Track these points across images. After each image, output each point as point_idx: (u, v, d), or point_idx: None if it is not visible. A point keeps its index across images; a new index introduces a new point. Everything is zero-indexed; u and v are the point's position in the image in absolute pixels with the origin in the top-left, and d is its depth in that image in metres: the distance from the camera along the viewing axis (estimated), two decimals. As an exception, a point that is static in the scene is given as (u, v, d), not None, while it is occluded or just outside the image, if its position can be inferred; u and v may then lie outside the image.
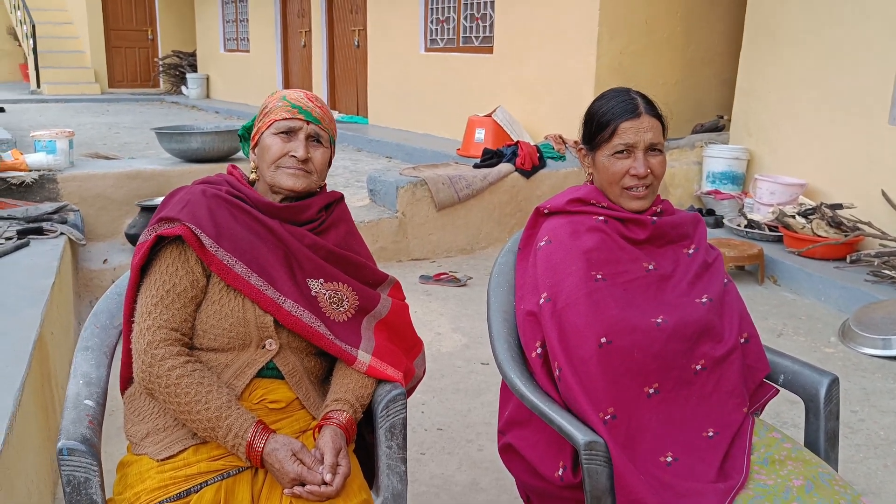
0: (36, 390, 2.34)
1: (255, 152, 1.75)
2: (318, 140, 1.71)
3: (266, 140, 1.70)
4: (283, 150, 1.68)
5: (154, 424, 1.59)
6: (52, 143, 4.35)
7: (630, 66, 6.00)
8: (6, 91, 14.59)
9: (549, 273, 1.66)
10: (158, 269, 1.61)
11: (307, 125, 1.69)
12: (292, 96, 1.71)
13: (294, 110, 1.68)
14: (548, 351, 1.62)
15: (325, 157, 1.73)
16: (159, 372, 1.51)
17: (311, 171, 1.70)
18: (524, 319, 1.70)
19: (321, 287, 1.70)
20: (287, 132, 1.68)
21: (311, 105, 1.71)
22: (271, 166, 1.69)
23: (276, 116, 1.69)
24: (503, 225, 5.41)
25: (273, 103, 1.72)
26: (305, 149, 1.68)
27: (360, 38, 9.11)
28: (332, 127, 1.77)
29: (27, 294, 2.81)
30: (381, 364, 1.70)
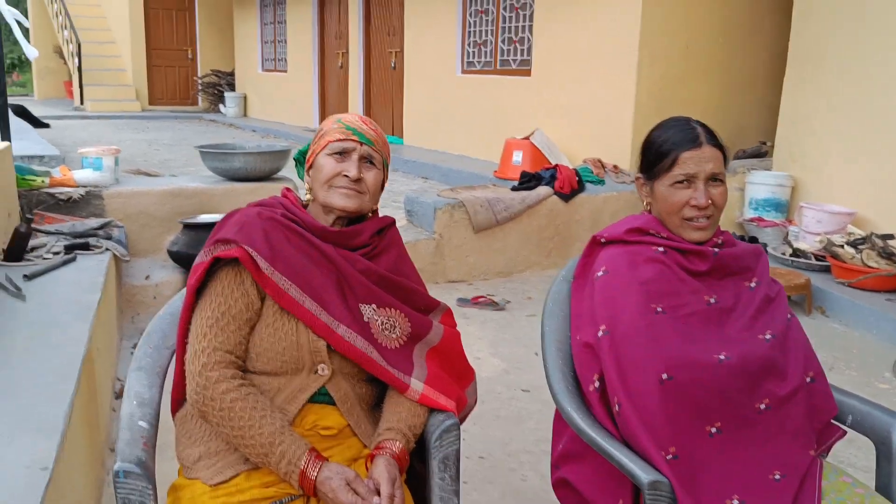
0: (83, 406, 2.35)
1: (309, 174, 1.76)
2: (371, 161, 1.71)
3: (320, 161, 1.70)
4: (336, 170, 1.68)
5: (206, 448, 1.58)
6: (99, 160, 4.42)
7: (670, 91, 5.96)
8: (51, 107, 14.94)
9: (607, 304, 1.63)
10: (214, 290, 1.61)
11: (360, 146, 1.69)
12: (347, 119, 1.72)
13: (348, 132, 1.69)
14: (606, 384, 1.58)
15: (377, 178, 1.73)
16: (213, 395, 1.51)
17: (363, 192, 1.70)
18: (581, 351, 1.66)
19: (374, 312, 1.69)
20: (341, 153, 1.69)
21: (366, 128, 1.71)
22: (324, 186, 1.69)
23: (330, 138, 1.70)
24: (541, 249, 5.38)
25: (328, 126, 1.73)
26: (358, 169, 1.68)
27: (397, 60, 9.18)
28: (386, 150, 1.77)
29: (75, 309, 2.84)
30: (434, 393, 1.67)
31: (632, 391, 1.52)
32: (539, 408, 3.33)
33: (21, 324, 2.65)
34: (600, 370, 1.60)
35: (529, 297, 4.88)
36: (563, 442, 1.75)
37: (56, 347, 2.44)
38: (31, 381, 2.17)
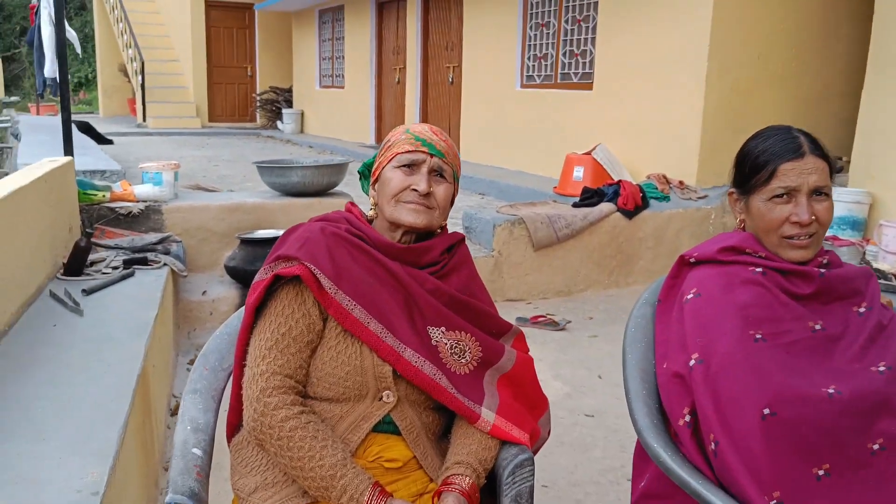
0: (138, 425, 2.29)
1: (375, 188, 1.65)
2: (441, 175, 1.60)
3: (387, 174, 1.60)
4: (405, 184, 1.57)
5: (263, 478, 1.48)
6: (159, 175, 4.43)
7: (740, 104, 5.73)
8: (115, 124, 15.34)
9: (700, 331, 1.48)
10: (274, 310, 1.51)
11: (430, 158, 1.58)
12: (416, 129, 1.62)
13: (417, 143, 1.58)
14: (699, 420, 1.42)
15: (448, 192, 1.62)
16: (272, 422, 1.41)
17: (432, 207, 1.59)
18: (669, 381, 1.51)
19: (442, 336, 1.57)
20: (409, 165, 1.58)
21: (436, 138, 1.60)
22: (391, 201, 1.58)
23: (398, 149, 1.59)
24: (602, 267, 5.20)
25: (396, 137, 1.63)
26: (428, 182, 1.57)
27: (455, 75, 9.12)
28: (457, 163, 1.66)
29: (131, 325, 2.80)
30: (506, 424, 1.54)
31: (731, 428, 1.36)
32: (604, 434, 3.16)
33: (77, 339, 2.62)
34: (692, 403, 1.45)
35: (590, 317, 4.71)
36: (646, 480, 1.60)
37: (111, 365, 2.39)
38: (85, 399, 2.12)
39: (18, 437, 1.88)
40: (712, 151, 5.69)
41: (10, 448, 1.82)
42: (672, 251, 5.38)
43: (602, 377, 3.77)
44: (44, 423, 1.95)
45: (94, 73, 20.13)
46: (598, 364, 3.94)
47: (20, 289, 2.85)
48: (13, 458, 1.77)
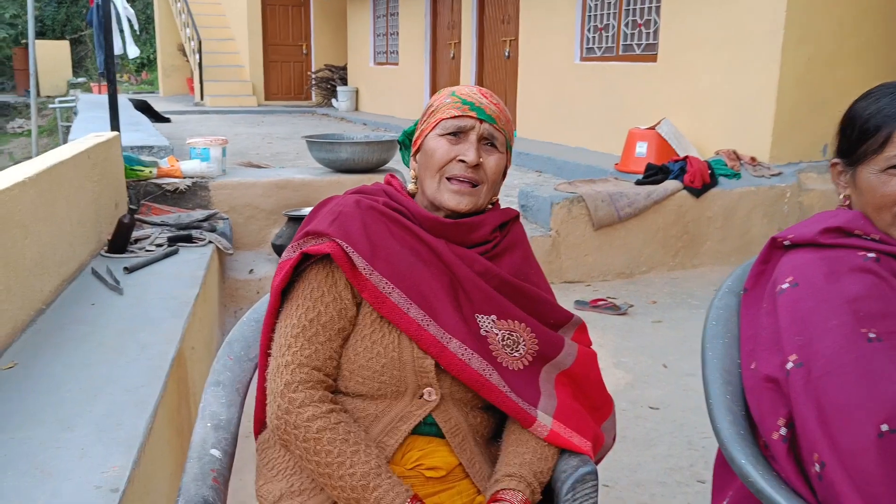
0: (171, 411, 2.17)
1: (416, 159, 1.46)
2: (492, 143, 1.40)
3: (430, 143, 1.40)
4: (450, 154, 1.37)
5: (289, 484, 1.31)
6: (206, 151, 4.32)
7: (820, 76, 5.33)
8: (174, 103, 15.50)
9: (799, 327, 1.24)
10: (302, 293, 1.34)
11: (480, 124, 1.37)
12: (463, 91, 1.41)
13: (465, 107, 1.38)
14: (798, 434, 1.20)
15: (499, 164, 1.41)
16: (297, 421, 1.23)
17: (480, 182, 1.38)
18: (759, 385, 1.28)
19: (493, 325, 1.37)
20: (455, 133, 1.38)
21: (485, 101, 1.39)
22: (435, 175, 1.39)
23: (442, 115, 1.39)
24: (667, 248, 4.91)
25: (440, 101, 1.42)
26: (477, 152, 1.36)
27: (511, 49, 8.83)
28: (510, 129, 1.44)
29: (171, 305, 2.68)
30: (566, 430, 1.34)
31: (839, 447, 1.13)
32: (670, 430, 2.93)
33: (114, 319, 2.51)
34: (788, 414, 1.22)
35: (654, 301, 4.45)
36: (730, 497, 1.38)
37: (146, 346, 2.27)
38: (116, 383, 2.00)
39: (43, 423, 1.76)
40: (788, 126, 5.32)
41: (33, 435, 1.71)
42: (742, 232, 5.06)
43: (667, 366, 3.52)
44: (71, 408, 1.84)
45: (155, 54, 20.40)
46: (663, 352, 3.69)
47: (60, 266, 2.75)
48: (35, 447, 1.66)
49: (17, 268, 2.29)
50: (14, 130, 17.42)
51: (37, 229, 2.50)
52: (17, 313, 2.30)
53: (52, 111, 14.38)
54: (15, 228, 2.30)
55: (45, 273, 2.58)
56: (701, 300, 4.47)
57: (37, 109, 11.51)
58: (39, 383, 1.97)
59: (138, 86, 22.49)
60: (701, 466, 2.66)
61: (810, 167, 5.35)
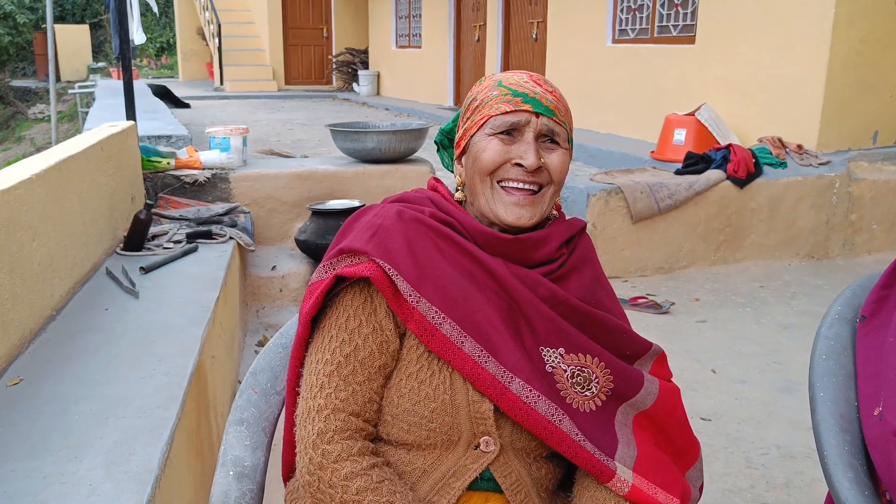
0: (190, 432, 1.99)
1: (461, 163, 1.24)
2: (552, 139, 1.17)
3: (478, 143, 1.18)
4: (504, 157, 1.15)
5: (323, 542, 1.11)
6: (227, 141, 4.13)
7: (872, 58, 5.02)
8: (193, 88, 15.36)
9: None
10: (336, 322, 1.13)
11: (537, 119, 1.15)
12: (512, 81, 1.18)
13: (517, 99, 1.15)
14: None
15: (564, 161, 1.19)
16: (332, 479, 1.03)
17: (544, 184, 1.17)
18: (887, 439, 1.06)
19: (560, 360, 1.16)
20: (508, 132, 1.16)
21: (540, 90, 1.17)
22: (486, 181, 1.17)
23: (491, 111, 1.17)
24: (709, 242, 4.66)
25: (485, 93, 1.19)
26: (536, 153, 1.15)
27: (539, 31, 8.55)
28: (570, 120, 1.22)
29: (190, 310, 2.50)
30: (649, 485, 1.13)
31: None
32: (725, 444, 2.71)
33: (129, 326, 2.34)
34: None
35: (696, 299, 4.21)
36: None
37: (162, 359, 2.09)
38: (130, 403, 1.82)
39: (48, 452, 1.59)
40: (838, 111, 5.02)
41: (38, 467, 1.54)
42: (788, 224, 4.80)
43: (716, 372, 3.30)
44: (79, 435, 1.66)
45: (174, 38, 20.27)
46: (710, 356, 3.46)
47: (71, 267, 2.58)
48: (38, 482, 1.48)
49: (24, 273, 2.12)
50: (35, 116, 17.37)
51: (46, 230, 2.32)
52: (25, 322, 2.12)
53: (72, 96, 14.30)
54: (21, 231, 2.12)
55: (56, 276, 2.41)
56: (746, 297, 4.23)
57: (57, 95, 11.41)
58: (46, 403, 1.80)
59: (157, 70, 22.40)
60: (762, 488, 2.44)
61: (861, 155, 5.06)
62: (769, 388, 3.14)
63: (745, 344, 3.61)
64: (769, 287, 4.43)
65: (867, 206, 4.94)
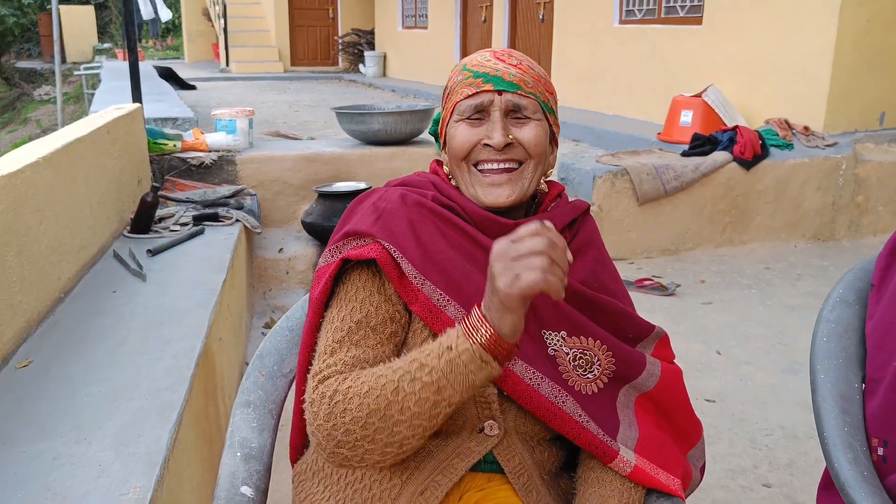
0: (198, 414, 2.01)
1: (445, 152, 1.24)
2: (521, 113, 1.16)
3: (450, 132, 1.19)
4: (473, 139, 1.16)
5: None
6: (233, 123, 4.13)
7: (881, 38, 4.97)
8: (199, 70, 15.31)
9: None
10: (346, 296, 1.13)
11: (499, 96, 1.14)
12: (475, 62, 1.18)
13: (478, 80, 1.15)
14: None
15: (538, 132, 1.17)
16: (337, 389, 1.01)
17: (521, 160, 1.16)
18: None
19: (562, 343, 1.17)
20: (476, 115, 1.16)
21: (502, 66, 1.16)
22: (461, 165, 1.18)
23: (457, 97, 1.17)
24: (715, 223, 4.66)
25: (453, 79, 1.20)
26: (503, 130, 1.14)
27: (546, 12, 8.49)
28: (543, 89, 1.19)
29: (197, 293, 2.52)
30: (651, 466, 1.14)
31: None
32: (730, 425, 2.72)
33: (137, 309, 2.35)
34: None
35: (702, 280, 4.21)
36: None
37: (170, 342, 2.11)
38: (138, 386, 1.84)
39: (58, 434, 1.61)
40: (845, 92, 4.99)
41: (47, 449, 1.55)
42: (794, 206, 4.78)
43: (721, 353, 3.31)
44: (88, 417, 1.68)
45: (180, 19, 20.20)
46: (716, 337, 3.47)
47: (79, 250, 2.60)
48: (48, 463, 1.50)
49: (32, 256, 2.13)
50: (41, 97, 17.38)
51: (53, 213, 2.34)
52: (33, 304, 2.14)
53: (78, 78, 14.29)
54: (29, 214, 2.13)
55: (63, 259, 2.43)
56: (751, 279, 4.23)
57: (62, 76, 11.41)
58: (55, 386, 1.83)
59: (163, 51, 22.34)
60: (765, 468, 2.46)
61: (867, 137, 5.03)
62: (774, 370, 3.15)
63: (751, 325, 3.61)
64: (775, 269, 4.43)
65: (873, 188, 4.92)
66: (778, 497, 2.32)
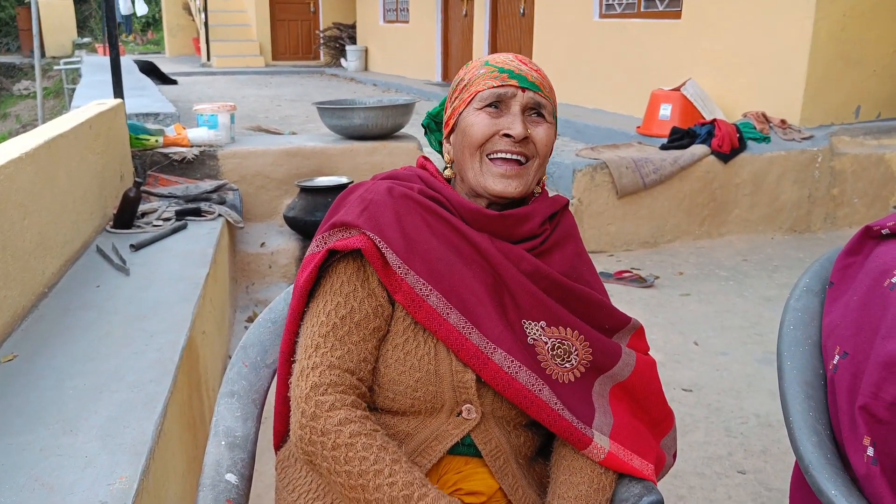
0: (182, 405, 2.03)
1: (450, 141, 1.28)
2: (538, 112, 1.22)
3: (467, 119, 1.22)
4: (492, 129, 1.20)
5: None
6: (214, 118, 4.14)
7: (856, 31, 5.05)
8: (180, 64, 15.21)
9: None
10: (331, 288, 1.17)
11: (523, 92, 1.20)
12: (497, 60, 1.23)
13: (503, 75, 1.20)
14: None
15: (549, 135, 1.23)
16: (326, 426, 1.06)
17: (530, 156, 1.21)
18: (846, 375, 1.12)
19: (541, 333, 1.21)
20: (495, 104, 1.20)
21: (525, 68, 1.22)
22: (475, 154, 1.21)
23: (478, 87, 1.21)
24: (693, 216, 4.72)
25: (472, 73, 1.24)
26: (523, 123, 1.19)
27: (527, 6, 8.52)
28: (554, 98, 1.26)
29: (180, 287, 2.54)
30: (625, 452, 1.19)
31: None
32: (706, 414, 2.79)
33: (120, 303, 2.37)
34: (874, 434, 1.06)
35: (680, 272, 4.28)
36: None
37: (154, 335, 2.13)
38: (123, 378, 1.87)
39: (44, 426, 1.63)
40: (821, 86, 5.06)
41: (33, 441, 1.58)
42: (772, 199, 4.86)
43: (698, 344, 3.37)
44: (74, 408, 1.71)
45: (160, 13, 20.02)
46: (693, 328, 3.54)
47: (63, 245, 2.61)
48: (34, 455, 1.52)
49: (15, 251, 2.15)
50: (20, 92, 17.19)
51: (37, 208, 2.35)
52: (18, 299, 2.16)
53: (57, 72, 14.15)
54: (12, 209, 2.15)
55: (47, 254, 2.44)
56: (729, 271, 4.30)
57: (42, 71, 11.30)
58: (41, 379, 1.84)
59: (144, 46, 22.14)
60: (740, 456, 2.52)
61: (843, 130, 5.12)
62: (750, 360, 3.22)
63: (728, 316, 3.68)
64: (752, 260, 4.50)
65: (849, 181, 5.00)
66: (752, 483, 2.38)
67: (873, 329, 1.10)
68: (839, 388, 1.14)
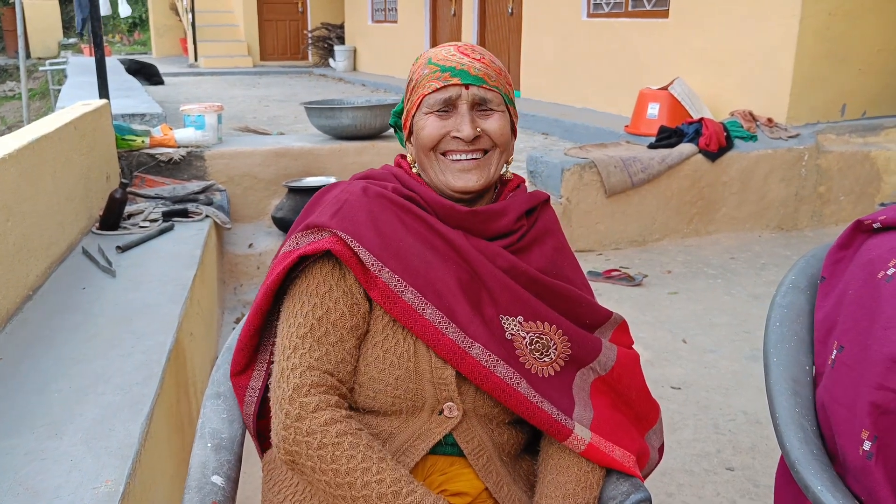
0: (169, 407, 2.02)
1: (411, 142, 1.28)
2: (486, 106, 1.21)
3: (418, 123, 1.23)
4: (442, 131, 1.20)
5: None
6: (202, 118, 4.12)
7: (842, 30, 5.08)
8: (167, 64, 15.13)
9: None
10: (306, 289, 1.17)
11: (466, 90, 1.19)
12: (440, 56, 1.22)
13: (445, 74, 1.20)
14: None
15: (502, 123, 1.23)
16: (311, 427, 1.06)
17: (487, 150, 1.22)
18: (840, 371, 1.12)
19: (519, 327, 1.21)
20: (443, 108, 1.20)
21: (467, 60, 1.21)
22: (430, 155, 1.22)
23: (424, 90, 1.21)
24: (682, 214, 4.74)
25: (419, 72, 1.24)
26: (471, 123, 1.19)
27: (515, 5, 8.53)
28: (504, 82, 1.24)
29: (167, 288, 2.53)
30: (605, 443, 1.19)
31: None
32: (694, 412, 2.79)
33: (107, 305, 2.36)
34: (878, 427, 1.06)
35: (669, 271, 4.29)
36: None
37: (141, 337, 2.12)
38: (109, 380, 1.85)
39: (29, 429, 1.62)
40: (807, 84, 5.09)
41: (18, 445, 1.56)
42: (759, 197, 4.88)
43: (687, 342, 3.38)
44: (60, 412, 1.69)
45: (147, 13, 19.92)
46: (682, 326, 3.55)
47: (48, 247, 2.59)
48: (20, 459, 1.51)
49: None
50: (6, 94, 17.06)
51: (21, 210, 2.33)
52: (2, 302, 2.14)
53: (43, 74, 14.05)
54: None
55: (32, 256, 2.42)
56: (717, 269, 4.32)
57: (27, 72, 11.22)
58: (26, 382, 1.83)
59: (130, 46, 22.03)
60: (729, 453, 2.53)
61: (829, 128, 5.15)
62: (738, 357, 3.23)
63: (716, 314, 3.69)
64: (740, 258, 4.52)
65: (835, 178, 5.03)
66: (740, 479, 2.39)
67: (870, 321, 1.10)
68: (837, 382, 1.14)
